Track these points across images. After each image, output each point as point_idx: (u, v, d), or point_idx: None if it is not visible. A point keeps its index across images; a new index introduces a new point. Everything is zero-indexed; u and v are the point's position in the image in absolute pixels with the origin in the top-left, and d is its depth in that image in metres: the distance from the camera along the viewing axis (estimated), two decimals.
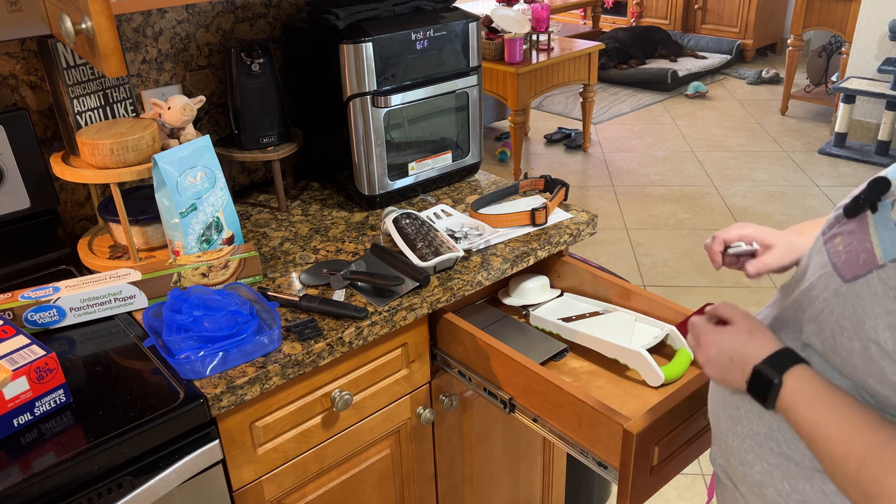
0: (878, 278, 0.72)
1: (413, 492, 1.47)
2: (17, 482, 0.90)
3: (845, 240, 0.79)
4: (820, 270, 0.81)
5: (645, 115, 5.49)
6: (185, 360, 1.05)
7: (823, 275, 0.80)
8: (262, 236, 1.49)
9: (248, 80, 1.50)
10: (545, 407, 1.15)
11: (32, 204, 1.38)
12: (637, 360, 1.22)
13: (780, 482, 0.83)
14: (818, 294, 0.80)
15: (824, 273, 0.80)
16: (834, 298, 0.77)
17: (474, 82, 1.60)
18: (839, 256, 0.78)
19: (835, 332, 0.76)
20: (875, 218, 0.77)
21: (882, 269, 0.72)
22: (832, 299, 0.77)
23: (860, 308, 0.74)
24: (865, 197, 0.78)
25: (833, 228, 0.82)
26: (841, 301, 0.76)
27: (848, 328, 0.75)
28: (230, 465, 1.13)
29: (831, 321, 0.77)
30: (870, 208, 0.78)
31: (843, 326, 0.75)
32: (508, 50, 4.03)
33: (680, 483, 2.23)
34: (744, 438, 0.87)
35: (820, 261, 0.82)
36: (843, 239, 0.79)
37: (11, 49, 1.34)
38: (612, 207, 4.05)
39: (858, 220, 0.79)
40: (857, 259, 0.76)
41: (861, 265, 0.75)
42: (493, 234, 1.43)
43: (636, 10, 7.24)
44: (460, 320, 1.29)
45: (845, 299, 0.75)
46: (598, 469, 1.10)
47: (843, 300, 0.76)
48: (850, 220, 0.80)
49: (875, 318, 0.72)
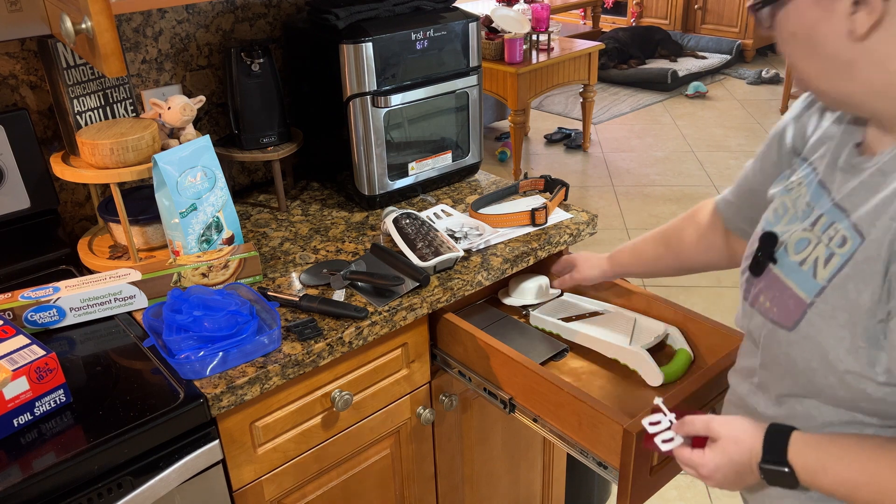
0: (815, 314, 0.78)
1: (413, 492, 1.47)
2: (17, 482, 0.90)
3: (767, 295, 0.85)
4: (763, 331, 0.86)
5: (645, 115, 5.49)
6: (185, 360, 1.05)
7: (767, 333, 0.85)
8: (262, 236, 1.49)
9: (248, 80, 1.50)
10: (545, 407, 1.15)
11: (32, 204, 1.38)
12: (637, 359, 1.22)
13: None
14: (775, 351, 0.84)
15: (767, 332, 0.85)
16: (790, 349, 0.81)
17: (474, 82, 1.60)
18: (771, 312, 0.84)
19: (809, 376, 0.80)
20: (780, 267, 0.84)
21: (812, 305, 0.78)
22: (789, 350, 0.81)
23: (816, 347, 0.78)
24: (763, 254, 0.86)
25: (751, 291, 0.88)
26: (797, 347, 0.80)
27: (818, 368, 0.78)
28: (230, 465, 1.13)
29: (800, 368, 0.80)
30: (770, 261, 0.85)
31: (814, 368, 0.79)
32: (508, 50, 4.03)
33: (680, 483, 2.24)
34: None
35: (757, 323, 0.87)
36: (765, 296, 0.85)
37: (11, 49, 1.34)
38: (612, 207, 4.05)
39: (766, 276, 0.86)
40: (788, 306, 0.81)
41: (794, 310, 0.80)
42: (493, 234, 1.43)
43: (636, 10, 7.24)
44: (460, 320, 1.29)
45: (800, 345, 0.80)
46: (598, 469, 1.10)
47: (799, 346, 0.80)
48: (760, 278, 0.87)
49: (834, 350, 0.76)
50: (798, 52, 0.77)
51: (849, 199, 0.78)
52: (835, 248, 0.77)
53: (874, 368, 0.74)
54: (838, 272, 0.76)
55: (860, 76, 0.73)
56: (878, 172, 0.76)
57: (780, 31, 0.78)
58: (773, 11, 0.77)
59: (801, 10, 0.73)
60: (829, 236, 0.78)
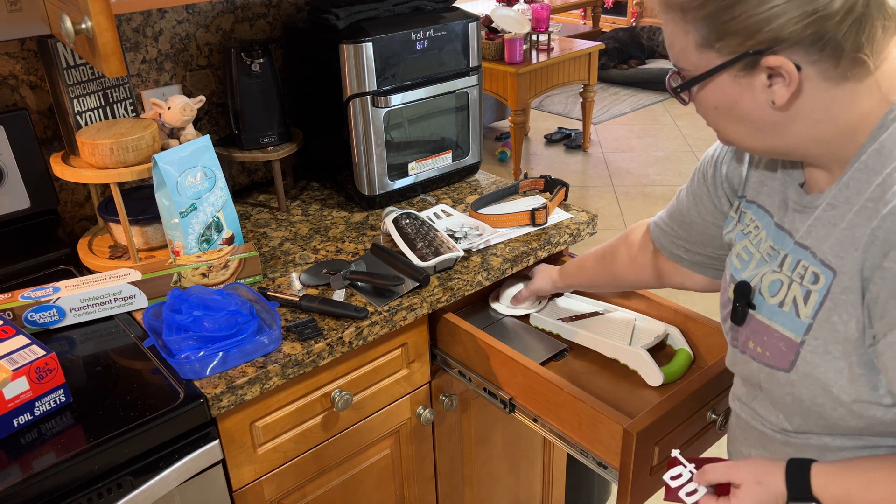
0: (809, 352, 0.78)
1: (413, 492, 1.47)
2: (17, 482, 0.90)
3: (756, 340, 0.86)
4: (760, 375, 0.86)
5: (645, 115, 5.49)
6: (185, 360, 1.05)
7: (766, 377, 0.85)
8: (262, 236, 1.49)
9: (248, 80, 1.50)
10: (545, 407, 1.15)
11: (32, 204, 1.38)
12: (637, 359, 1.22)
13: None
14: (779, 393, 0.84)
15: (765, 376, 0.85)
16: (793, 389, 0.81)
17: (474, 82, 1.60)
18: (764, 357, 0.84)
19: (819, 412, 0.80)
20: (761, 312, 0.85)
21: (804, 344, 0.79)
22: (793, 390, 0.82)
23: (818, 383, 0.78)
24: (740, 303, 0.87)
25: (738, 339, 0.89)
26: (800, 387, 0.80)
27: (825, 403, 0.79)
28: (230, 465, 1.13)
29: (808, 405, 0.81)
30: (750, 308, 0.86)
31: (821, 404, 0.79)
32: (508, 50, 4.03)
33: None
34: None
35: (752, 368, 0.87)
36: (754, 342, 0.86)
37: (11, 49, 1.34)
38: (612, 207, 4.05)
39: (750, 322, 0.87)
40: (780, 349, 0.82)
41: (787, 352, 0.81)
42: (493, 234, 1.43)
43: (636, 10, 7.24)
44: (460, 320, 1.29)
45: (801, 383, 0.80)
46: (599, 469, 1.10)
47: (801, 385, 0.80)
48: (744, 326, 0.88)
49: (836, 383, 0.77)
50: (722, 120, 0.79)
51: (809, 236, 0.79)
52: (809, 285, 0.78)
53: (877, 392, 0.75)
54: (820, 307, 0.77)
55: (790, 133, 0.75)
56: (829, 207, 0.77)
57: (701, 106, 0.80)
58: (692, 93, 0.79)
59: (721, 87, 0.75)
60: (799, 275, 0.80)
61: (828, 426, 0.81)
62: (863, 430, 0.79)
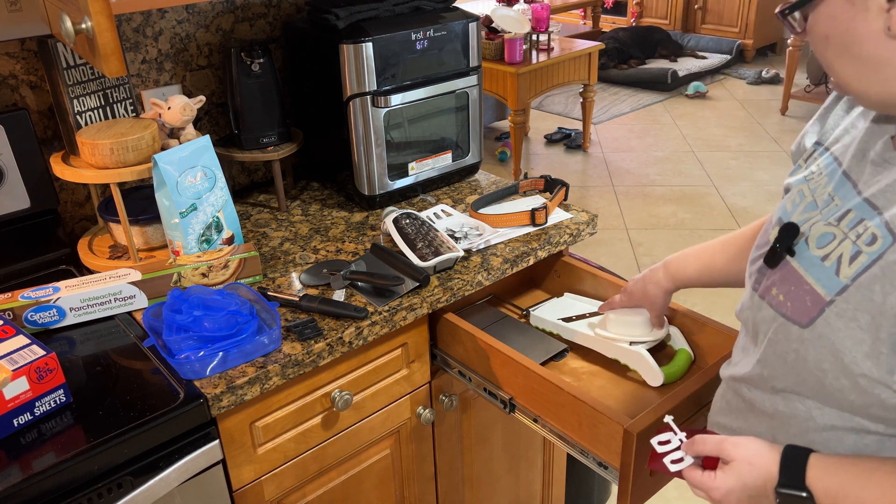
0: (834, 314, 0.74)
1: (413, 492, 1.47)
2: (17, 482, 0.90)
3: (782, 289, 0.81)
4: (772, 324, 0.82)
5: (645, 115, 5.49)
6: (185, 360, 1.05)
7: (778, 327, 0.81)
8: (262, 236, 1.49)
9: (248, 80, 1.50)
10: (545, 407, 1.15)
11: (32, 204, 1.38)
12: (637, 360, 1.22)
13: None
14: (784, 347, 0.80)
15: (778, 326, 0.81)
16: (802, 347, 0.77)
17: (474, 82, 1.60)
18: (784, 306, 0.80)
19: (818, 377, 0.77)
20: (798, 261, 0.79)
21: (832, 304, 0.74)
22: (800, 348, 0.78)
23: (831, 347, 0.74)
24: (781, 245, 0.81)
25: (762, 282, 0.84)
26: (810, 347, 0.76)
27: (830, 370, 0.75)
28: (230, 465, 1.13)
29: (812, 369, 0.77)
30: (788, 254, 0.80)
31: (824, 370, 0.76)
32: (508, 50, 4.03)
33: (680, 483, 2.22)
34: None
35: (765, 315, 0.83)
36: (778, 289, 0.81)
37: (11, 49, 1.34)
38: (612, 207, 4.05)
39: (783, 268, 0.81)
40: (804, 303, 0.77)
41: (811, 307, 0.76)
42: (493, 234, 1.43)
43: (636, 10, 7.24)
44: (460, 320, 1.29)
45: (813, 344, 0.76)
46: (599, 469, 1.10)
47: (812, 345, 0.76)
48: (774, 270, 0.82)
49: (851, 353, 0.73)
50: (833, 54, 0.73)
51: (882, 195, 0.74)
52: (863, 245, 0.73)
53: (893, 376, 0.71)
54: (864, 271, 0.72)
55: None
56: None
57: (812, 36, 0.74)
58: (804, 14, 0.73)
59: (834, 11, 0.70)
60: (856, 233, 0.75)
61: (820, 394, 0.78)
62: (857, 409, 0.75)
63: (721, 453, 0.84)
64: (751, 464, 0.80)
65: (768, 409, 0.86)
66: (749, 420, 0.89)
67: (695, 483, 0.87)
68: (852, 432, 0.78)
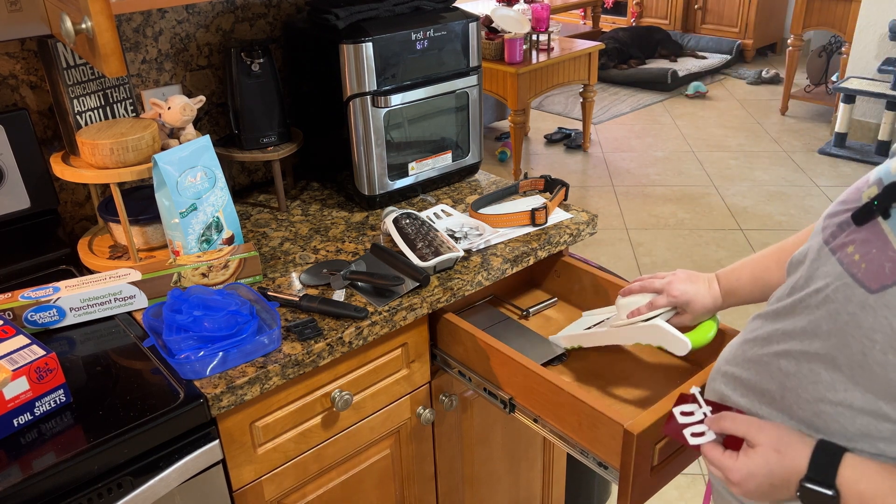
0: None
1: (413, 492, 1.47)
2: (17, 482, 0.90)
3: (860, 248, 0.75)
4: (835, 281, 0.76)
5: (645, 115, 5.49)
6: (185, 360, 1.05)
7: (841, 286, 0.76)
8: (262, 236, 1.49)
9: (248, 80, 1.50)
10: (545, 407, 1.15)
11: (32, 204, 1.38)
12: (656, 332, 1.14)
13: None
14: (839, 307, 0.75)
15: (841, 285, 0.75)
16: (861, 312, 0.73)
17: (474, 82, 1.60)
18: (857, 267, 0.74)
19: (864, 346, 0.73)
20: (891, 224, 0.73)
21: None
22: (859, 313, 0.73)
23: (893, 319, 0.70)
24: (880, 202, 0.74)
25: (840, 237, 0.78)
26: (870, 314, 0.72)
27: (880, 341, 0.71)
28: (230, 465, 1.13)
29: (859, 335, 0.73)
30: (881, 214, 0.74)
31: (875, 340, 0.72)
32: (508, 50, 4.03)
33: (680, 483, 2.23)
34: None
35: (831, 271, 0.77)
36: (856, 248, 0.75)
37: (11, 49, 1.34)
38: (612, 207, 4.05)
39: (871, 228, 0.75)
40: (882, 268, 0.72)
41: (888, 274, 0.71)
42: (493, 234, 1.43)
43: (636, 10, 7.24)
44: (460, 320, 1.29)
45: (875, 311, 0.72)
46: (599, 469, 1.10)
47: (873, 312, 0.72)
48: (860, 228, 0.76)
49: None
50: None
51: None
52: None
53: None
54: None
55: None
56: None
57: None
58: None
59: None
60: None
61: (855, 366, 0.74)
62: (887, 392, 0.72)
63: (748, 435, 0.81)
64: (778, 452, 0.78)
65: (790, 368, 0.81)
66: (761, 374, 0.84)
67: (714, 461, 0.84)
68: (868, 415, 0.74)
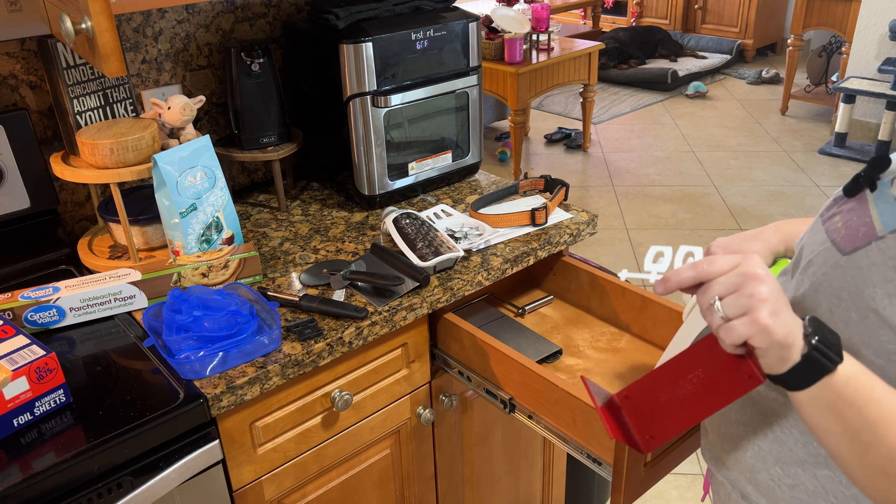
0: (878, 249, 0.73)
1: (413, 492, 1.47)
2: (17, 482, 0.90)
3: (844, 217, 0.79)
4: (818, 248, 0.80)
5: (645, 115, 5.49)
6: (185, 360, 1.05)
7: (822, 251, 0.79)
8: (262, 236, 1.49)
9: (248, 80, 1.50)
10: (541, 404, 1.15)
11: (32, 204, 1.38)
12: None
13: (772, 466, 0.83)
14: (816, 269, 0.79)
15: (823, 249, 0.79)
16: (832, 271, 0.76)
17: (474, 82, 1.60)
18: (838, 233, 0.78)
19: (832, 304, 0.76)
20: (875, 195, 0.77)
21: (881, 240, 0.73)
22: (831, 272, 0.77)
23: (859, 278, 0.73)
24: (865, 175, 0.78)
25: (832, 209, 0.82)
26: (840, 273, 0.75)
27: (846, 299, 0.74)
28: (230, 465, 1.13)
29: (829, 294, 0.76)
30: (869, 187, 0.78)
31: (841, 298, 0.75)
32: (508, 50, 4.03)
33: (680, 483, 2.24)
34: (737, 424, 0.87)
35: (818, 239, 0.81)
36: (842, 217, 0.79)
37: (11, 49, 1.34)
38: (612, 207, 4.05)
39: (857, 199, 0.79)
40: (857, 233, 0.76)
41: (860, 238, 0.75)
42: (493, 234, 1.43)
43: (636, 10, 7.24)
44: (460, 320, 1.29)
45: (844, 271, 0.75)
46: (593, 465, 1.10)
47: (842, 272, 0.75)
48: (849, 200, 0.80)
49: (874, 287, 0.72)
50: None
51: None
52: None
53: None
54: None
55: None
56: None
57: None
58: None
59: None
60: None
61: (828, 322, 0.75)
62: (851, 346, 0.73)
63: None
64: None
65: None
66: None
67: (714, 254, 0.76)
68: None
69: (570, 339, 1.37)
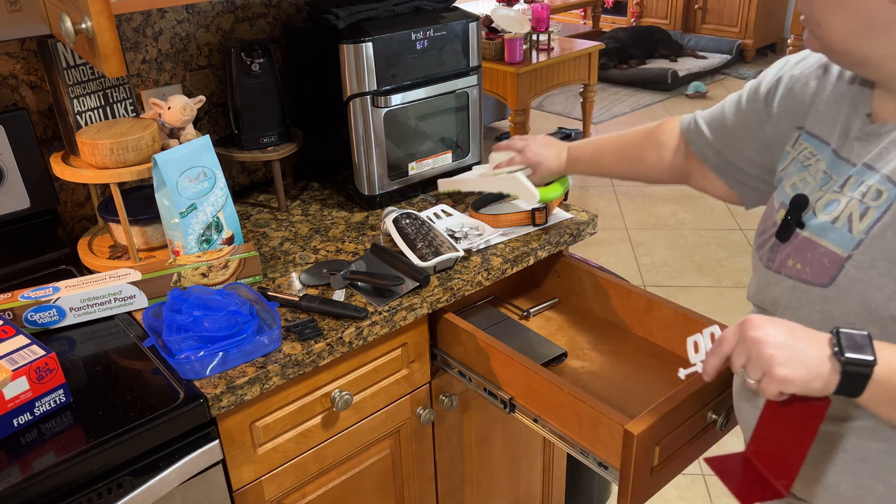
0: (853, 267, 0.77)
1: (413, 492, 1.47)
2: (17, 482, 0.90)
3: (797, 258, 0.83)
4: (792, 293, 0.83)
5: (645, 115, 5.49)
6: (185, 360, 1.05)
7: (798, 294, 0.83)
8: (262, 236, 1.49)
9: (248, 80, 1.50)
10: (545, 407, 1.15)
11: (32, 204, 1.38)
12: (514, 183, 1.37)
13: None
14: (807, 313, 0.82)
15: (799, 293, 0.83)
16: (826, 304, 0.79)
17: (474, 82, 1.60)
18: (803, 272, 0.82)
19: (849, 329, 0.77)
20: (810, 230, 0.83)
21: (850, 259, 0.77)
22: (825, 306, 0.80)
23: (856, 297, 0.76)
24: (792, 217, 0.84)
25: (776, 259, 0.87)
26: (835, 303, 0.78)
27: (857, 320, 0.77)
28: (230, 465, 1.13)
29: (836, 323, 0.77)
30: (798, 226, 0.84)
31: (852, 322, 0.77)
32: (508, 50, 4.03)
33: (680, 483, 2.23)
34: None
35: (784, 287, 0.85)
36: (794, 259, 0.84)
37: (11, 49, 1.34)
38: (612, 207, 4.05)
39: (794, 240, 0.84)
40: (822, 265, 0.80)
41: (829, 267, 0.79)
42: (493, 233, 1.43)
43: (636, 10, 7.24)
44: (460, 320, 1.29)
45: (837, 300, 0.78)
46: (599, 469, 1.10)
47: (836, 301, 0.78)
48: (787, 244, 0.86)
49: (876, 299, 0.75)
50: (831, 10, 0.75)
51: (879, 159, 0.78)
52: (869, 201, 0.77)
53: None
54: (876, 223, 0.76)
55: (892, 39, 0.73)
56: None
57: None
58: None
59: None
60: (861, 192, 0.78)
61: None
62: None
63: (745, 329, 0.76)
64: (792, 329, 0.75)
65: None
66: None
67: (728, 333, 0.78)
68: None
69: (574, 342, 1.37)
